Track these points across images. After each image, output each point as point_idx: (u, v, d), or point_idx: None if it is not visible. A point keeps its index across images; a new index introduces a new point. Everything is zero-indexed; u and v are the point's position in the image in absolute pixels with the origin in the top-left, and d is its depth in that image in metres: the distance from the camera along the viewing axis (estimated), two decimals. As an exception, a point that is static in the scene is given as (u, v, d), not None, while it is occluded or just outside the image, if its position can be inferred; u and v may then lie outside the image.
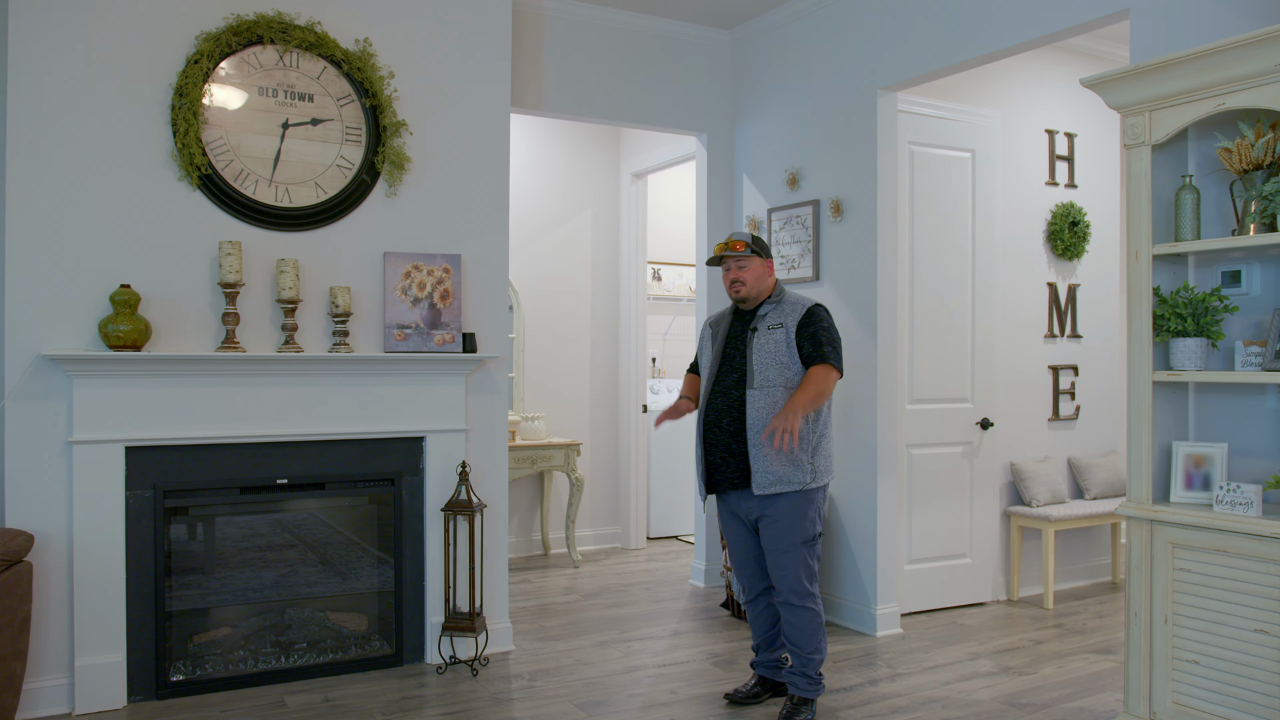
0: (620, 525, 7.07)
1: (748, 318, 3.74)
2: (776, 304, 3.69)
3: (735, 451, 3.62)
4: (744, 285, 3.69)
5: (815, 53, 5.22)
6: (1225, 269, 3.36)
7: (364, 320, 4.30)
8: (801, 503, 3.59)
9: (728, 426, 3.63)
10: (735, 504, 3.73)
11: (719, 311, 3.98)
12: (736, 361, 3.68)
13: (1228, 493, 3.08)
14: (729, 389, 3.67)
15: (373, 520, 4.45)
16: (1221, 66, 3.01)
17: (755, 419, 3.55)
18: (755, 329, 3.66)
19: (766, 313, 3.68)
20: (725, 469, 3.66)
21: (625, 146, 7.07)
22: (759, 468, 3.55)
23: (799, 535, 3.59)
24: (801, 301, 3.69)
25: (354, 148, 4.29)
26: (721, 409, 3.66)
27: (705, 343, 3.90)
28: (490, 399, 4.60)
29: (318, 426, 4.18)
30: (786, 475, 3.54)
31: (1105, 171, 5.92)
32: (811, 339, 3.59)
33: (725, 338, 3.78)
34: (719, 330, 3.84)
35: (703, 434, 3.71)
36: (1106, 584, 5.83)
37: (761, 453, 3.54)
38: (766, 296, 3.74)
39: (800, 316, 3.63)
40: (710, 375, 3.76)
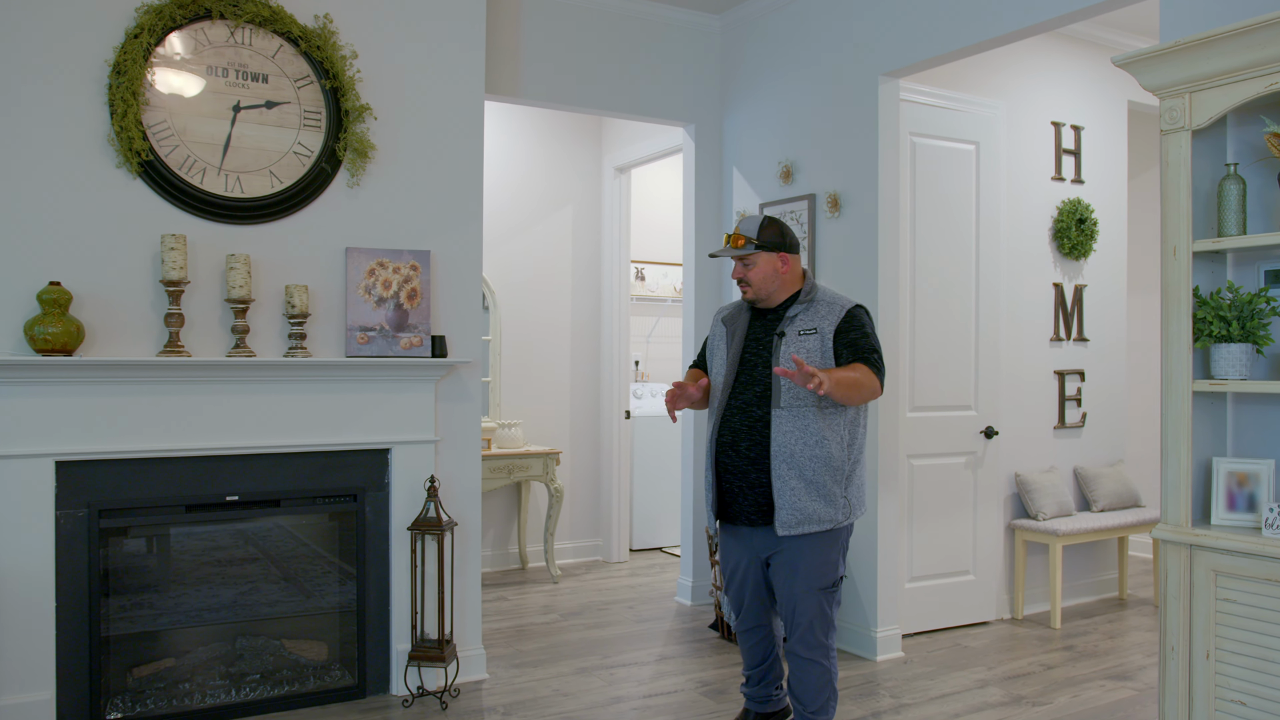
0: (601, 537, 6.73)
1: (771, 317, 3.18)
2: (809, 304, 3.12)
3: (755, 483, 3.07)
4: (750, 287, 3.16)
5: (811, 38, 4.90)
6: (1269, 268, 3.06)
7: (323, 322, 3.94)
8: (827, 543, 3.06)
9: (747, 452, 3.08)
10: (748, 537, 3.18)
11: (730, 305, 3.36)
12: (758, 373, 3.11)
13: (1279, 515, 2.78)
14: (749, 406, 3.10)
15: (333, 540, 4.09)
16: (1274, 42, 2.71)
17: (782, 446, 3.00)
18: (783, 334, 3.10)
19: (796, 314, 3.11)
20: (741, 501, 3.11)
21: (608, 139, 6.73)
22: (786, 503, 3.00)
23: (819, 580, 3.06)
24: (839, 301, 3.14)
25: (313, 133, 3.93)
26: (740, 430, 3.10)
27: (717, 341, 3.29)
28: (462, 407, 4.25)
29: (272, 438, 3.82)
30: (817, 512, 3.01)
31: (1113, 167, 5.63)
32: (851, 346, 3.04)
33: (744, 339, 3.19)
34: (734, 328, 3.23)
35: (714, 458, 3.15)
36: (1113, 600, 5.54)
37: (788, 485, 2.99)
38: (794, 293, 3.18)
39: (838, 320, 3.08)
40: (725, 386, 3.17)
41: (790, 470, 3.00)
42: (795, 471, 3.00)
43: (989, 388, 5.03)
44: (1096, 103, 5.55)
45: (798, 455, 2.99)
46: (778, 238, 3.16)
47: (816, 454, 3.00)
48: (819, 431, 3.01)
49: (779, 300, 3.19)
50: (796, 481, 3.00)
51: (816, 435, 3.01)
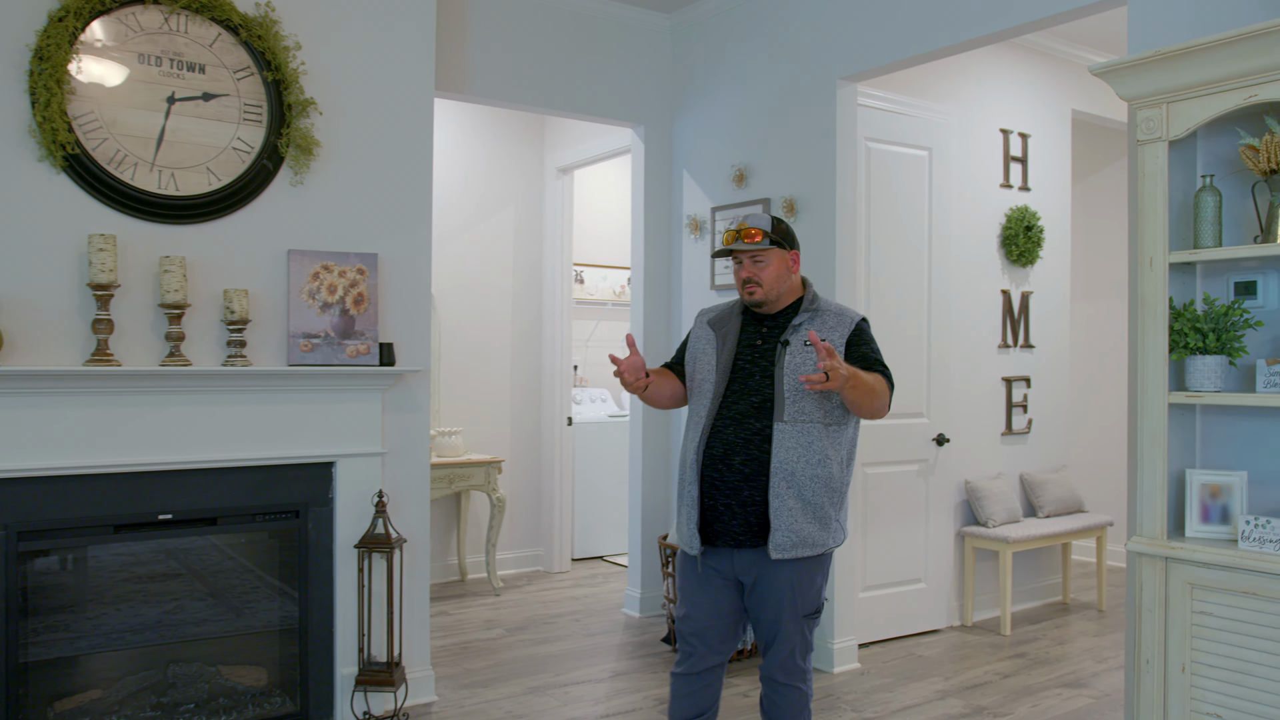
0: (543, 547, 6.56)
1: (770, 324, 2.90)
2: (814, 313, 2.87)
3: (748, 501, 2.76)
4: (760, 287, 2.85)
5: (767, 39, 4.83)
6: (1238, 279, 3.06)
7: (264, 328, 3.72)
8: (816, 568, 2.83)
9: (741, 467, 2.77)
10: (727, 559, 2.84)
11: (718, 307, 3.05)
12: (756, 382, 2.82)
13: (1256, 528, 2.77)
14: (745, 417, 2.80)
15: (274, 558, 3.86)
16: (1257, 53, 2.70)
17: (783, 463, 2.73)
18: (787, 343, 2.81)
19: (801, 323, 2.84)
20: (729, 521, 2.79)
21: (550, 139, 6.57)
22: (782, 524, 2.72)
23: (806, 607, 2.83)
24: (845, 312, 2.90)
25: (253, 128, 3.70)
26: (734, 443, 2.79)
27: (703, 346, 2.96)
28: (410, 418, 4.06)
29: (209, 452, 3.58)
30: (812, 536, 2.76)
31: (1057, 174, 5.69)
32: (863, 361, 2.80)
33: (736, 345, 2.91)
34: (725, 333, 2.93)
35: (700, 472, 2.83)
36: (1057, 604, 5.59)
37: (786, 505, 2.72)
38: (795, 299, 2.92)
39: (849, 332, 2.84)
40: (716, 394, 2.86)
41: (789, 490, 2.73)
42: (794, 491, 2.73)
43: (940, 395, 5.02)
44: (1042, 111, 5.60)
45: (799, 474, 2.73)
46: (788, 235, 2.90)
47: (818, 474, 2.75)
48: (823, 449, 2.76)
49: (783, 304, 2.91)
50: (795, 502, 2.73)
51: (820, 453, 2.75)
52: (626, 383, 2.82)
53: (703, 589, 2.89)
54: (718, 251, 2.91)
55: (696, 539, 2.84)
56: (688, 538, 2.87)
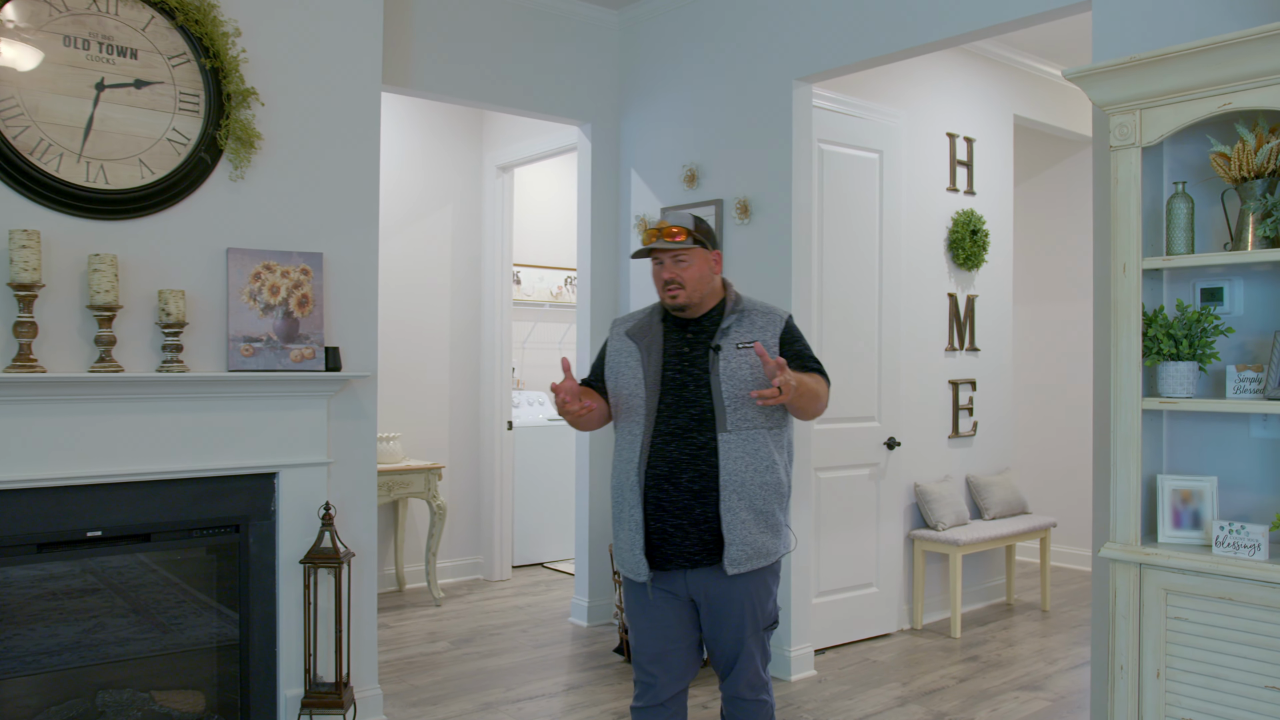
0: (483, 555, 6.39)
1: (695, 329, 2.74)
2: (741, 314, 2.73)
3: (700, 519, 2.62)
4: (682, 289, 2.67)
5: (720, 38, 4.75)
6: (1204, 285, 3.09)
7: (202, 332, 3.50)
8: (769, 579, 2.73)
9: (690, 484, 2.62)
10: (679, 581, 2.69)
11: (634, 315, 2.87)
12: (691, 392, 2.66)
13: (1230, 534, 2.78)
14: (687, 431, 2.64)
15: (211, 576, 3.63)
16: (1232, 61, 2.70)
17: (733, 474, 2.61)
18: (719, 348, 2.67)
19: (729, 325, 2.70)
20: (681, 543, 2.64)
21: (489, 136, 6.40)
22: (737, 538, 2.60)
23: (764, 619, 2.73)
24: (773, 310, 2.77)
25: (190, 119, 3.48)
26: (679, 460, 2.64)
27: (625, 359, 2.77)
28: (356, 425, 3.87)
29: (141, 464, 3.35)
30: (765, 546, 2.66)
31: (1001, 179, 5.74)
32: (799, 358, 2.70)
33: (662, 355, 2.73)
34: (648, 344, 2.75)
35: (643, 494, 2.66)
36: (1002, 605, 5.64)
37: (739, 518, 2.60)
38: (717, 301, 2.77)
39: (781, 330, 2.72)
40: (650, 410, 2.68)
41: (740, 501, 2.62)
42: (745, 502, 2.62)
43: (891, 398, 5.01)
44: (987, 115, 5.64)
45: (749, 484, 2.63)
46: (711, 235, 2.75)
47: (767, 480, 2.65)
48: (769, 455, 2.66)
49: (706, 307, 2.75)
50: (746, 513, 2.62)
51: (767, 460, 2.66)
52: (569, 410, 2.64)
53: (657, 614, 2.73)
54: (636, 252, 2.74)
55: (643, 565, 2.66)
56: (633, 564, 2.69)
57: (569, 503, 6.81)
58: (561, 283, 7.54)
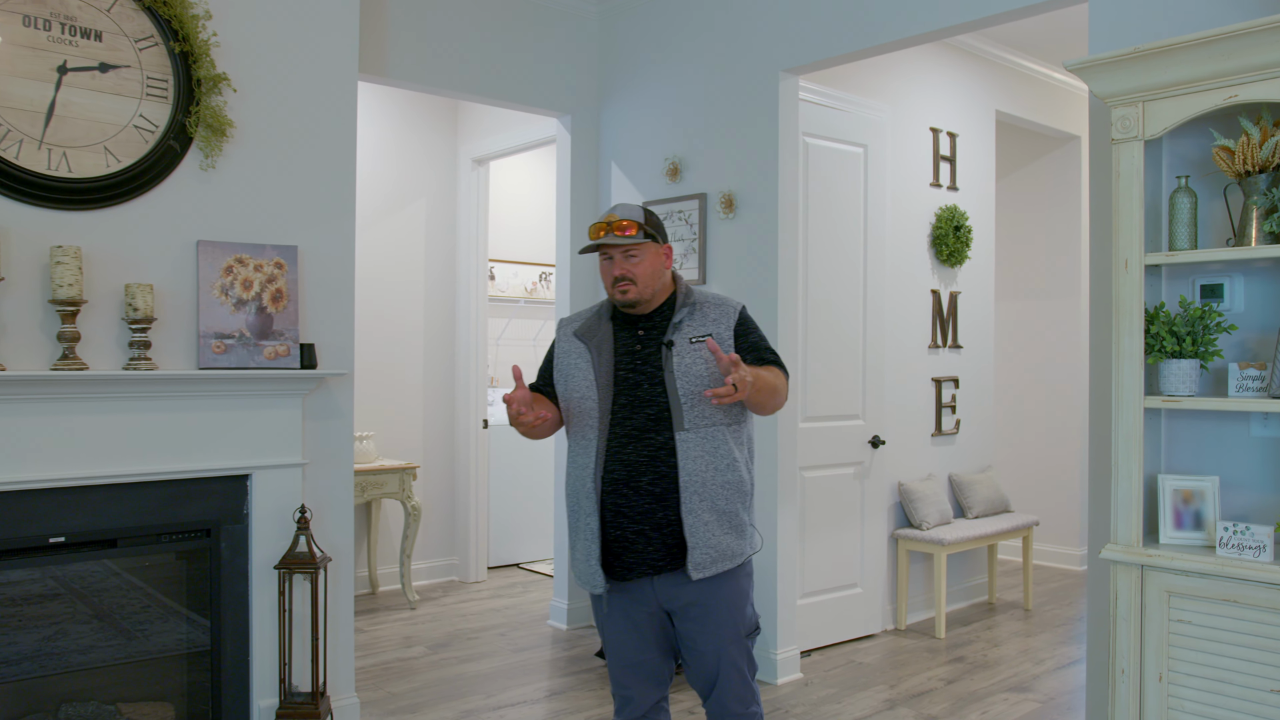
0: (458, 556, 6.26)
1: (647, 326, 2.60)
2: (693, 306, 2.59)
3: (661, 522, 2.48)
4: (634, 285, 2.53)
5: (704, 28, 4.65)
6: (1204, 281, 3.04)
7: (172, 328, 3.35)
8: (743, 581, 2.60)
9: (649, 487, 2.48)
10: (645, 590, 2.55)
11: (581, 315, 2.73)
12: (646, 391, 2.52)
13: (1235, 534, 2.74)
14: (644, 432, 2.50)
15: (181, 582, 3.49)
16: (1239, 53, 2.65)
17: (694, 475, 2.48)
18: (671, 343, 2.53)
19: (681, 319, 2.57)
20: (644, 549, 2.50)
21: (465, 129, 6.26)
22: (700, 541, 2.47)
23: (744, 625, 2.60)
24: (725, 301, 2.65)
25: (158, 105, 3.33)
26: (636, 462, 2.49)
27: (574, 360, 2.63)
28: (332, 425, 3.74)
29: (108, 467, 3.20)
30: (730, 547, 2.53)
31: (983, 175, 5.70)
32: (755, 350, 2.59)
33: (614, 354, 2.59)
34: (598, 343, 2.61)
35: (600, 501, 2.52)
36: (984, 605, 5.60)
37: (701, 520, 2.47)
38: (669, 296, 2.63)
39: (734, 322, 2.60)
40: (603, 412, 2.54)
41: (702, 503, 2.49)
42: (707, 503, 2.49)
43: (875, 396, 4.95)
44: (969, 111, 5.59)
45: (710, 484, 2.50)
46: (660, 227, 2.63)
47: (728, 479, 2.53)
48: (730, 453, 2.54)
49: (658, 303, 2.61)
50: (709, 514, 2.49)
51: (728, 457, 2.53)
52: (523, 421, 2.49)
53: (626, 624, 2.60)
54: (585, 247, 2.60)
55: (599, 576, 2.53)
56: (588, 577, 2.56)
57: (544, 502, 6.70)
58: (536, 278, 7.42)
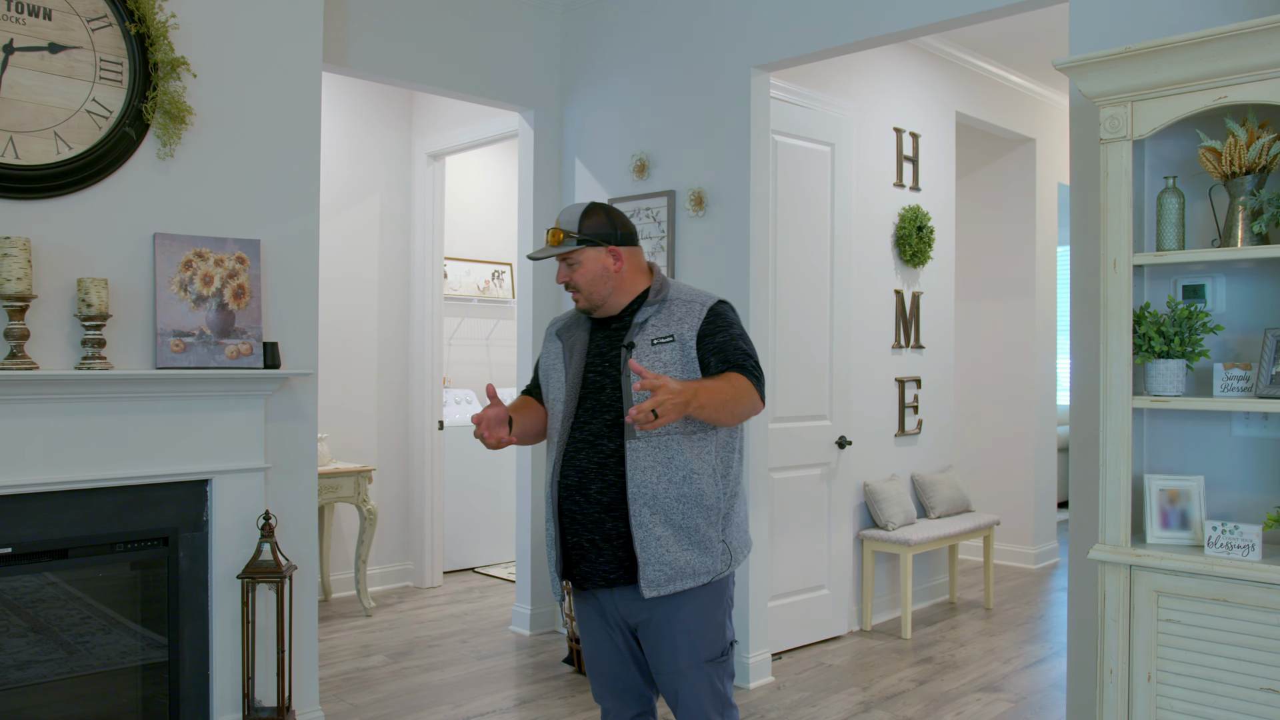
0: (413, 560, 6.10)
1: (618, 326, 2.49)
2: (660, 305, 2.45)
3: (611, 533, 2.38)
4: (579, 293, 2.47)
5: (673, 22, 4.58)
6: (1186, 282, 3.06)
7: (127, 325, 3.17)
8: (708, 601, 2.41)
9: (599, 496, 2.38)
10: (607, 603, 2.46)
11: (566, 315, 2.65)
12: (606, 397, 2.41)
13: (1223, 534, 2.75)
14: (597, 439, 2.40)
15: (136, 594, 3.31)
16: (1229, 54, 2.66)
17: (642, 486, 2.34)
18: (632, 345, 2.41)
19: (647, 318, 2.43)
20: (594, 558, 2.40)
21: (420, 123, 6.10)
22: (651, 556, 2.33)
23: (705, 650, 2.41)
24: (698, 299, 2.47)
25: (112, 89, 3.15)
26: (588, 469, 2.40)
27: (552, 360, 2.56)
28: (296, 427, 3.59)
29: (58, 472, 3.02)
30: (690, 564, 2.36)
31: (944, 175, 5.72)
32: (720, 352, 2.39)
33: (585, 356, 2.50)
34: (573, 344, 2.53)
35: (557, 506, 2.45)
36: (945, 604, 5.62)
37: (653, 534, 2.33)
38: (638, 294, 2.49)
39: (700, 321, 2.41)
40: (565, 415, 2.45)
41: (654, 516, 2.34)
42: (660, 517, 2.34)
43: (842, 397, 4.92)
44: (931, 111, 5.61)
45: (661, 496, 2.34)
46: (605, 228, 2.46)
47: (684, 492, 2.36)
48: (686, 464, 2.36)
49: (621, 304, 2.50)
50: (662, 529, 2.34)
51: (683, 469, 2.36)
52: (488, 443, 2.39)
53: (596, 633, 2.53)
54: (531, 255, 2.58)
55: (556, 582, 2.50)
56: (551, 580, 2.54)
57: (500, 505, 6.58)
58: (489, 277, 7.28)
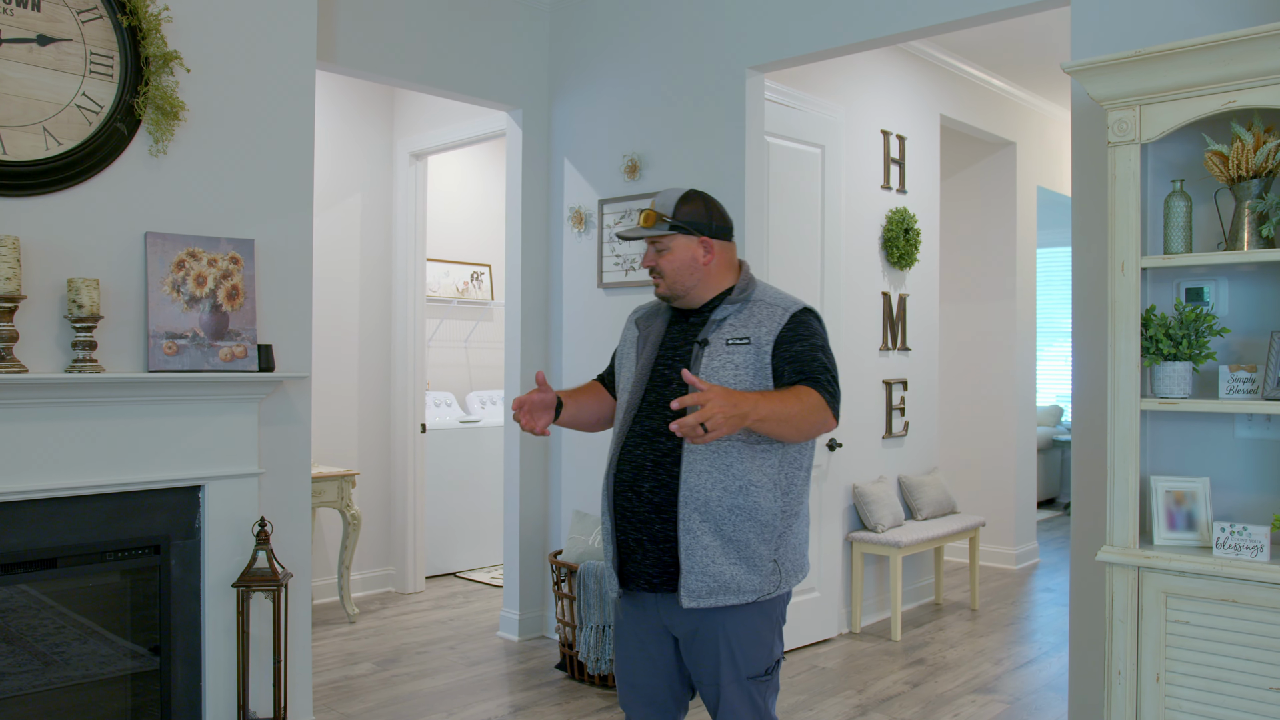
0: (395, 565, 6.01)
1: (696, 320, 2.40)
2: (742, 304, 2.36)
3: (659, 535, 2.29)
4: (662, 279, 2.38)
5: (667, 22, 4.55)
6: (1189, 285, 3.08)
7: (119, 327, 3.08)
8: (755, 619, 2.30)
9: (650, 495, 2.29)
10: (652, 607, 2.37)
11: (650, 303, 2.58)
12: (674, 391, 2.30)
13: (1231, 535, 2.76)
14: (656, 434, 2.31)
15: (126, 604, 3.21)
16: (1240, 59, 2.68)
17: (694, 490, 2.24)
18: (705, 342, 2.32)
19: (726, 316, 2.34)
20: (640, 559, 2.32)
21: (402, 122, 6.02)
22: (695, 565, 2.23)
23: (748, 666, 2.30)
24: (782, 302, 2.35)
25: (103, 84, 3.06)
26: (642, 465, 2.31)
27: (628, 349, 2.50)
28: (290, 432, 3.52)
29: (47, 479, 2.92)
30: (736, 580, 2.25)
31: (929, 178, 5.75)
32: (796, 362, 2.26)
33: (658, 347, 2.42)
34: (647, 334, 2.46)
35: (612, 500, 2.37)
36: (931, 605, 5.64)
37: (700, 542, 2.23)
38: (725, 290, 2.40)
39: (780, 326, 2.29)
40: (629, 407, 2.38)
41: (704, 523, 2.24)
42: (710, 525, 2.24)
43: (832, 398, 4.91)
44: (917, 114, 5.63)
45: (714, 504, 2.24)
46: (701, 217, 2.39)
47: (739, 503, 2.25)
48: (744, 474, 2.26)
49: (704, 298, 2.40)
50: (711, 538, 2.24)
51: (740, 479, 2.25)
52: (527, 428, 2.37)
53: (631, 638, 2.44)
54: (622, 234, 2.45)
55: (614, 579, 2.39)
56: (607, 579, 2.44)
57: (484, 508, 6.51)
58: (468, 278, 7.21)
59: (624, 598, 2.42)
